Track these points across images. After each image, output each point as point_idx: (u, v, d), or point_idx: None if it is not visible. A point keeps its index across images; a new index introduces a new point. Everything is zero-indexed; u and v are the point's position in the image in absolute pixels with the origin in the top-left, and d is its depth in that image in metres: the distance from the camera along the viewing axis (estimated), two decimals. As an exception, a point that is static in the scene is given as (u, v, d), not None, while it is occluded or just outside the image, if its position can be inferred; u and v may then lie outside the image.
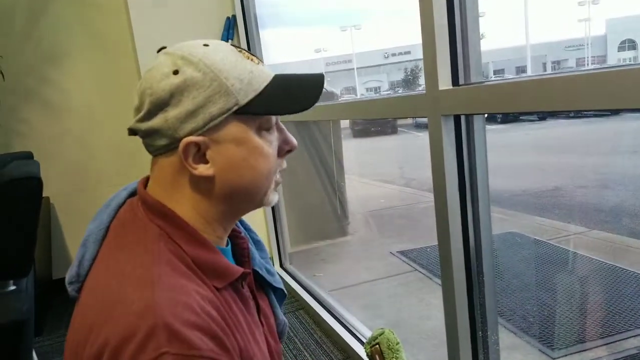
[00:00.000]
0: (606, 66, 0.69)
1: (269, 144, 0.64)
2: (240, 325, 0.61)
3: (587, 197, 5.30)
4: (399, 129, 10.50)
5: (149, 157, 0.66)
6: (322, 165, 3.42)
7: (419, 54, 1.11)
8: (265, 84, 0.62)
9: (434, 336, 2.12)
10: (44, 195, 1.38)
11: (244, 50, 0.64)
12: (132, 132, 0.63)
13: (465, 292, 1.15)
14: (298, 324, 2.24)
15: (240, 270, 0.64)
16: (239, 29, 2.76)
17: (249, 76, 0.61)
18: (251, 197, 0.65)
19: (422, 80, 1.12)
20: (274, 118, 0.65)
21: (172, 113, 0.58)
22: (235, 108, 0.59)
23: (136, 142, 0.66)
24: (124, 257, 0.58)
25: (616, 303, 2.76)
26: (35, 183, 1.28)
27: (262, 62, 0.66)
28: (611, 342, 2.30)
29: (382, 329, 0.84)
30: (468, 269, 1.15)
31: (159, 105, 0.59)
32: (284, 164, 0.68)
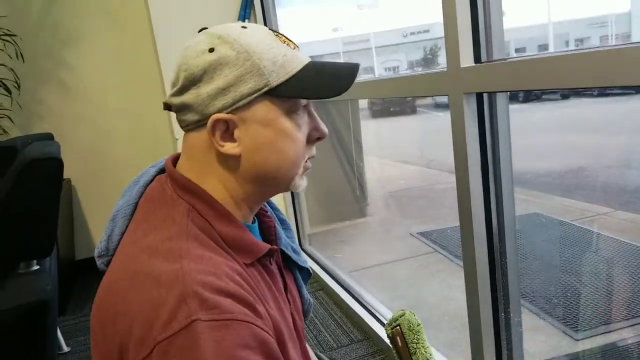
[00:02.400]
0: (631, 42, 0.66)
1: (297, 128, 0.63)
2: (269, 299, 0.62)
3: (612, 178, 5.18)
4: (418, 109, 10.38)
5: (168, 138, 0.66)
6: (341, 146, 3.40)
7: (438, 33, 1.08)
8: (298, 68, 0.62)
9: (455, 318, 2.11)
10: (64, 176, 1.40)
11: (282, 35, 0.64)
12: (167, 106, 0.64)
13: (487, 273, 1.13)
14: (318, 304, 2.25)
15: (267, 246, 0.65)
16: (255, 9, 2.73)
17: (282, 59, 0.61)
18: (277, 180, 0.65)
19: (441, 59, 1.09)
20: (304, 102, 0.65)
21: (204, 89, 0.59)
22: (265, 89, 0.60)
23: (154, 123, 0.66)
24: (152, 231, 0.58)
25: None
26: (55, 164, 1.29)
27: (298, 47, 0.66)
28: (636, 324, 2.26)
29: (402, 310, 0.84)
30: (490, 250, 1.13)
31: (192, 81, 0.60)
32: (314, 151, 0.68)
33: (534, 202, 4.40)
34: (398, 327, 0.81)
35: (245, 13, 2.72)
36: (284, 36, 0.64)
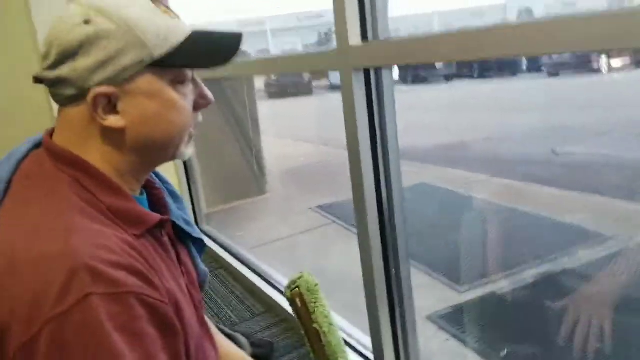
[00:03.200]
0: (505, 24, 0.76)
1: (183, 97, 0.63)
2: (164, 270, 0.62)
3: (490, 149, 5.71)
4: (314, 90, 10.53)
5: (47, 115, 0.63)
6: (238, 124, 3.38)
7: (331, 18, 1.13)
8: (182, 39, 0.61)
9: (354, 282, 2.23)
10: None
11: (161, 3, 0.63)
12: (38, 80, 0.61)
13: (379, 237, 1.22)
14: (218, 283, 2.25)
15: (157, 216, 0.64)
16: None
17: (165, 31, 0.60)
18: (164, 150, 0.65)
19: (333, 44, 1.15)
20: (189, 72, 0.64)
21: (81, 63, 0.57)
22: (148, 60, 0.59)
23: (29, 98, 0.63)
24: (33, 210, 0.56)
25: (514, 239, 3.06)
26: None
27: (178, 17, 0.64)
28: (510, 275, 2.56)
29: (300, 272, 0.88)
30: (381, 217, 1.22)
31: (67, 55, 0.57)
32: (200, 117, 0.68)
33: (421, 174, 4.71)
34: (297, 289, 0.86)
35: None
36: (164, 5, 0.63)
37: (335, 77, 1.20)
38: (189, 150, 0.67)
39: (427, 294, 2.43)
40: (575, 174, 4.35)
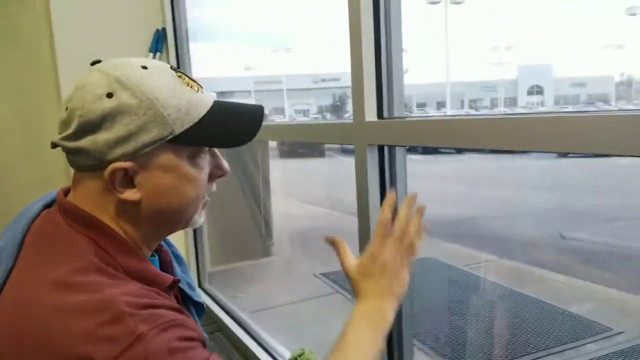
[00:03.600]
0: (515, 113, 0.77)
1: (199, 171, 0.63)
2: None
3: (498, 228, 5.67)
4: (326, 152, 10.68)
5: (62, 169, 0.64)
6: (248, 183, 3.40)
7: (347, 81, 1.17)
8: (203, 113, 0.61)
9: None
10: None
11: (184, 75, 0.63)
12: (55, 145, 0.61)
13: (382, 315, 1.19)
14: (215, 346, 2.19)
15: (170, 277, 0.64)
16: (168, 42, 2.70)
17: (186, 105, 0.60)
18: (177, 221, 0.65)
19: (348, 107, 1.18)
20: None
21: (102, 137, 0.57)
22: (169, 137, 0.59)
23: (49, 153, 0.64)
24: (54, 267, 0.55)
25: (521, 326, 2.99)
26: None
27: (202, 88, 0.64)
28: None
29: (302, 349, 0.86)
30: (386, 292, 1.20)
31: (89, 128, 0.57)
32: (214, 187, 0.68)
33: (428, 248, 4.66)
34: None
35: (157, 46, 2.67)
36: (187, 76, 0.63)
37: (348, 140, 1.22)
38: (201, 219, 0.68)
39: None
40: (580, 261, 4.31)
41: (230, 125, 0.64)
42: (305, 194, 7.88)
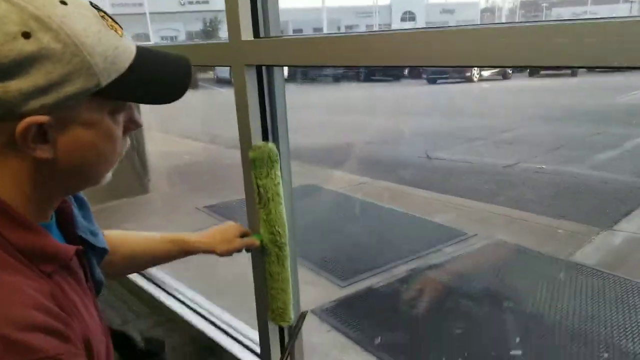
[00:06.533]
0: (390, 29, 0.81)
1: (118, 126, 0.57)
2: (76, 308, 0.56)
3: (372, 152, 6.04)
4: (199, 83, 10.23)
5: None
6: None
7: (217, 4, 1.12)
8: (128, 62, 0.54)
9: (243, 281, 2.23)
10: None
11: (107, 15, 0.55)
12: None
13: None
14: (109, 294, 2.12)
15: (72, 249, 0.57)
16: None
17: (113, 53, 0.52)
18: (89, 180, 0.59)
19: (221, 33, 1.13)
20: None
21: (15, 85, 0.47)
22: (94, 90, 0.51)
23: None
24: None
25: (393, 237, 3.37)
26: None
27: (123, 30, 0.57)
28: (386, 270, 2.79)
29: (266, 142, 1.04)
30: (271, 213, 1.24)
31: None
32: (128, 142, 0.62)
33: (308, 175, 4.84)
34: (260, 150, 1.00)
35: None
36: (109, 17, 0.55)
37: (222, 71, 1.19)
38: (110, 175, 0.61)
39: (312, 290, 2.54)
40: (443, 177, 4.82)
41: (159, 79, 0.58)
42: (184, 128, 7.59)
